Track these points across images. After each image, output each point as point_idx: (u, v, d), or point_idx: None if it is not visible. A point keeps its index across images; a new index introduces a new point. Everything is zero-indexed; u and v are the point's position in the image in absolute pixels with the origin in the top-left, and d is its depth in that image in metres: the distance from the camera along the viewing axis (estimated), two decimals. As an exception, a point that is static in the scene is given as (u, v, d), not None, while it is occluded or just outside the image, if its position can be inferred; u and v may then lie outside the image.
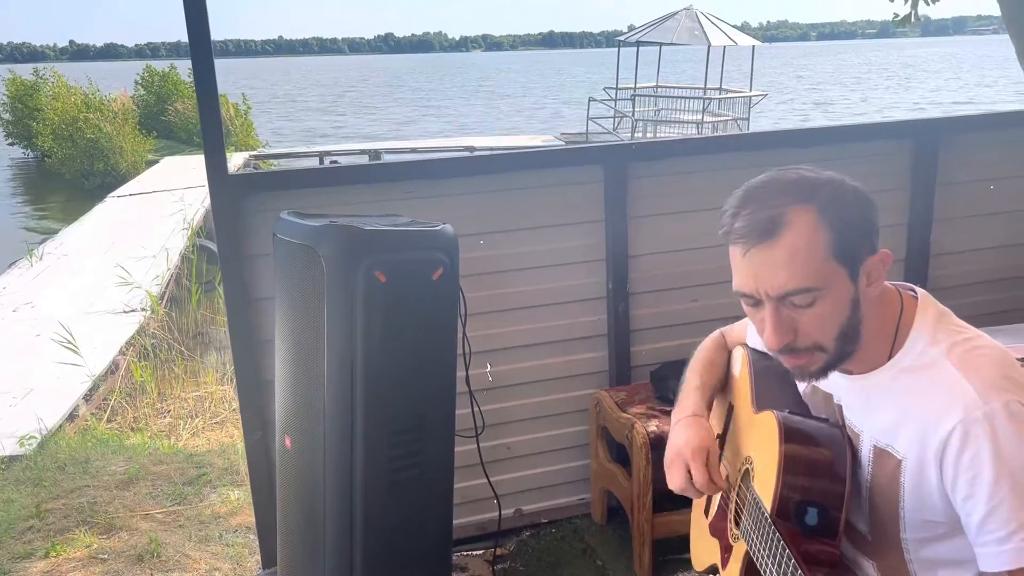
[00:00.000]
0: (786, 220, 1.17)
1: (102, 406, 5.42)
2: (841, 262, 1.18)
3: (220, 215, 2.39)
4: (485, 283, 2.63)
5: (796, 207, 1.17)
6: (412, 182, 2.56)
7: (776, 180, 1.22)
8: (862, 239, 1.19)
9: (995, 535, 1.11)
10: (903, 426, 1.21)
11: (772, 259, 1.17)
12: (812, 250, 1.16)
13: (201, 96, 2.28)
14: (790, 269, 1.16)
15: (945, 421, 1.14)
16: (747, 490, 1.36)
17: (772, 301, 1.19)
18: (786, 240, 1.16)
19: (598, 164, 2.73)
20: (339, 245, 1.88)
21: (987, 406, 1.11)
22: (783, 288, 1.17)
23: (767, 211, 1.18)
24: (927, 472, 1.18)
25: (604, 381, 2.87)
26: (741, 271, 1.22)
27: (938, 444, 1.14)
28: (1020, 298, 3.21)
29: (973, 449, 1.11)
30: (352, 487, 1.97)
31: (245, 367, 2.50)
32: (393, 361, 1.95)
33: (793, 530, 1.21)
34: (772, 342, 1.21)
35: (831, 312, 1.19)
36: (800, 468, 1.24)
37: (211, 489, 3.69)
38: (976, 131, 3.18)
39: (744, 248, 1.19)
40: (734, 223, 1.21)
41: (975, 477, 1.11)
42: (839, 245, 1.17)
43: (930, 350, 1.21)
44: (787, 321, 1.20)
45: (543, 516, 2.93)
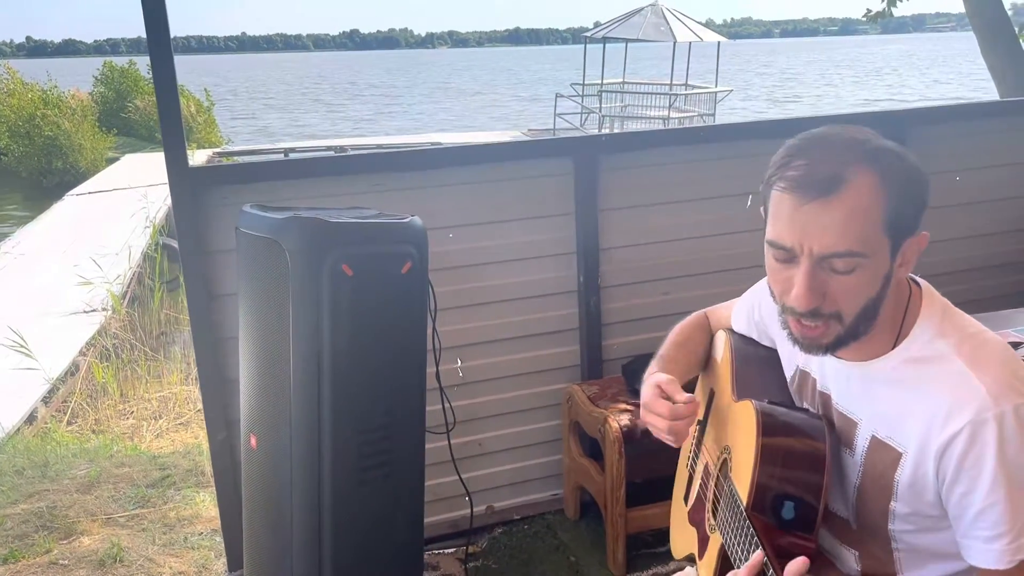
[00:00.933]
0: (848, 178, 1.10)
1: (62, 408, 5.30)
2: (888, 235, 1.13)
3: (181, 209, 2.32)
4: (455, 277, 2.59)
5: (860, 167, 1.11)
6: (379, 175, 2.51)
7: (840, 135, 1.16)
8: (912, 215, 1.15)
9: (984, 533, 1.11)
10: (907, 419, 1.18)
11: (827, 216, 1.10)
12: (869, 215, 1.11)
13: (159, 86, 2.21)
14: (844, 229, 1.10)
15: (954, 420, 1.11)
16: (725, 481, 1.34)
17: (812, 259, 1.12)
18: (846, 199, 1.10)
19: (568, 157, 2.70)
20: (304, 238, 1.83)
21: (998, 408, 1.09)
22: (831, 248, 1.11)
23: (829, 165, 1.11)
24: (924, 467, 1.16)
25: (576, 375, 2.84)
26: (786, 222, 1.14)
27: (942, 442, 1.12)
28: (987, 288, 3.24)
29: (978, 450, 1.10)
30: (320, 486, 1.92)
31: (208, 366, 2.43)
32: (361, 357, 1.90)
33: (768, 524, 1.18)
34: (802, 302, 1.14)
35: (865, 284, 1.14)
36: (777, 461, 1.21)
37: (175, 491, 3.61)
38: (942, 122, 3.20)
39: (799, 200, 1.12)
40: (786, 171, 1.14)
41: (976, 476, 1.10)
42: (892, 216, 1.12)
43: (937, 342, 1.18)
44: (820, 284, 1.14)
45: (515, 512, 2.90)
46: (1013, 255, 3.30)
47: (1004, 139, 3.21)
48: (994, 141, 3.19)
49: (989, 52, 7.21)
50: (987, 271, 3.26)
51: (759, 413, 1.25)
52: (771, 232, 1.17)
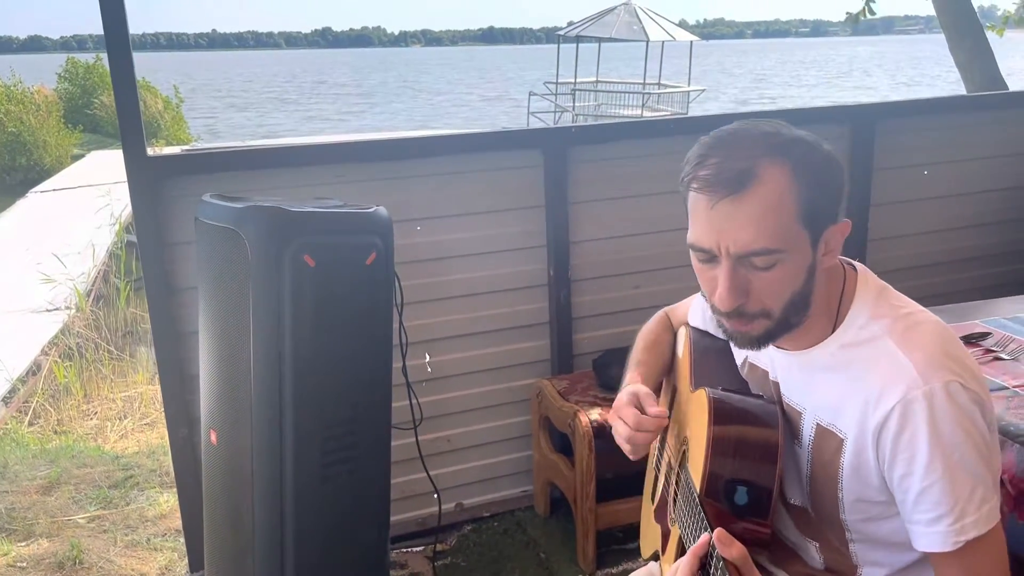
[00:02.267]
0: (758, 173, 1.08)
1: (23, 408, 5.18)
2: (806, 226, 1.11)
3: (139, 200, 2.26)
4: (422, 270, 2.55)
5: (769, 161, 1.09)
6: (344, 165, 2.47)
7: (748, 130, 1.14)
8: (829, 205, 1.13)
9: (926, 515, 1.09)
10: (845, 404, 1.16)
11: (740, 214, 1.09)
12: (782, 209, 1.09)
13: (115, 73, 2.15)
14: (758, 227, 1.08)
15: (884, 400, 1.10)
16: (682, 472, 1.32)
17: (731, 259, 1.11)
18: (757, 195, 1.08)
19: (537, 148, 2.67)
20: (264, 227, 1.78)
21: (927, 386, 1.08)
22: (747, 247, 1.09)
23: (738, 162, 1.09)
24: (865, 452, 1.14)
25: (546, 370, 2.81)
26: (702, 223, 1.12)
27: (876, 423, 1.11)
28: (956, 281, 3.26)
29: (911, 429, 1.08)
30: (282, 484, 1.87)
31: (169, 361, 2.37)
32: (324, 350, 1.85)
33: (721, 509, 1.16)
34: (725, 303, 1.13)
35: (787, 278, 1.12)
36: (729, 445, 1.19)
37: (139, 492, 3.54)
38: (912, 116, 3.21)
39: (710, 199, 1.10)
40: (698, 171, 1.12)
41: (912, 457, 1.09)
42: (807, 208, 1.10)
43: (871, 325, 1.17)
44: (742, 282, 1.12)
45: (485, 510, 2.86)
46: (982, 249, 3.32)
47: (972, 133, 3.23)
48: (962, 135, 3.21)
49: (957, 48, 7.29)
50: (955, 265, 3.27)
51: (711, 400, 1.23)
52: (690, 235, 1.16)
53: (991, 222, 3.32)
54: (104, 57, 10.86)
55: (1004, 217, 3.33)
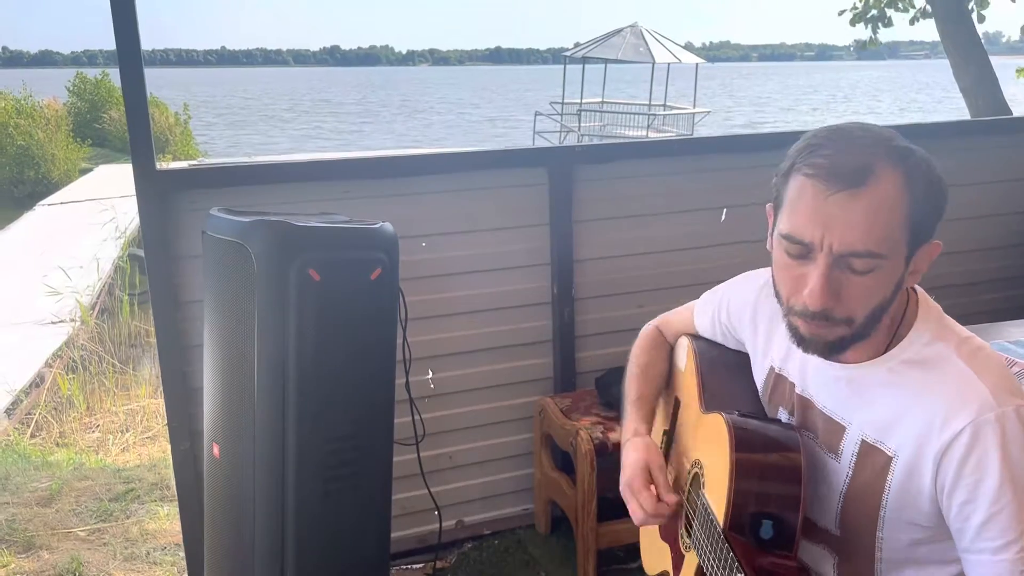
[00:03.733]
0: (876, 172, 1.05)
1: (26, 420, 5.20)
2: (908, 238, 1.09)
3: (147, 213, 2.27)
4: (427, 287, 2.55)
5: (887, 162, 1.07)
6: (351, 182, 2.48)
7: (867, 129, 1.12)
8: (931, 221, 1.11)
9: (992, 543, 1.06)
10: (901, 421, 1.14)
11: (852, 210, 1.05)
12: (893, 214, 1.06)
13: (127, 87, 2.16)
14: (868, 227, 1.05)
15: (954, 421, 1.07)
16: (697, 497, 1.30)
17: (831, 257, 1.07)
18: (874, 194, 1.05)
19: (543, 167, 2.68)
20: (270, 241, 1.79)
21: (1000, 409, 1.06)
22: (852, 246, 1.06)
23: (858, 157, 1.06)
24: (921, 474, 1.11)
25: (549, 388, 2.81)
26: (807, 214, 1.08)
27: (942, 444, 1.08)
28: (961, 305, 3.23)
29: (980, 452, 1.05)
30: (283, 497, 1.86)
31: (173, 374, 2.37)
32: (328, 364, 1.86)
33: (747, 545, 1.14)
34: (816, 301, 1.08)
35: (879, 287, 1.09)
36: (753, 477, 1.17)
37: (139, 505, 3.53)
38: (916, 140, 3.20)
39: (825, 189, 1.06)
40: (813, 157, 1.08)
41: (979, 481, 1.06)
42: (914, 218, 1.08)
43: (936, 344, 1.15)
44: (836, 283, 1.08)
45: (486, 527, 2.85)
46: (986, 273, 3.32)
47: (976, 158, 3.23)
48: (966, 160, 3.21)
49: (961, 74, 7.34)
50: (959, 289, 3.27)
51: (731, 427, 1.21)
52: (787, 225, 1.10)
53: (996, 246, 3.32)
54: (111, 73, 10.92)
55: (1009, 242, 3.33)
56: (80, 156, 18.54)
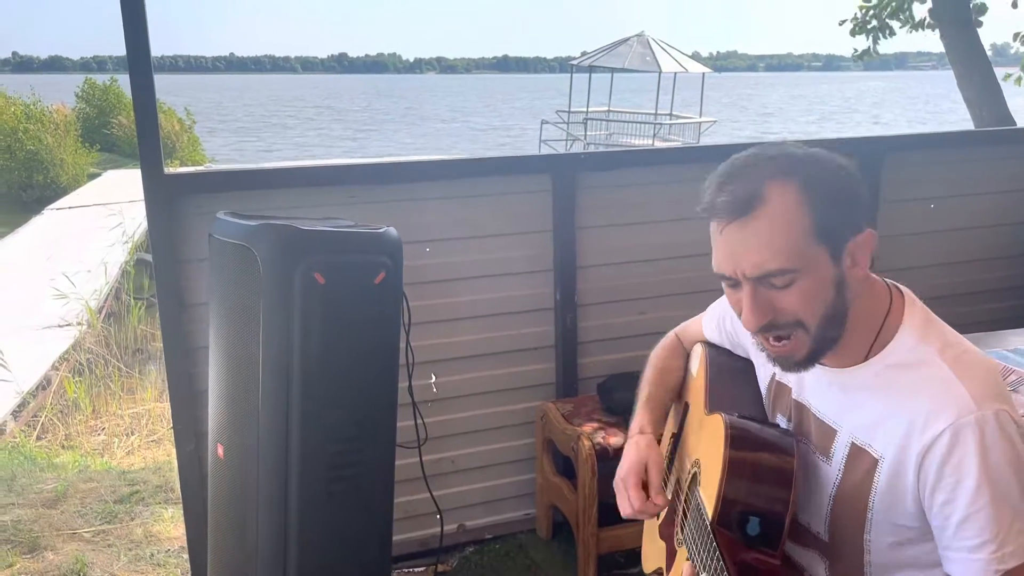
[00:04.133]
0: (764, 195, 1.10)
1: (32, 423, 5.23)
2: (823, 242, 1.11)
3: (154, 216, 2.30)
4: (430, 292, 2.57)
5: (776, 181, 1.11)
6: (357, 187, 2.50)
7: (757, 155, 1.17)
8: (846, 217, 1.13)
9: (969, 542, 1.08)
10: (885, 423, 1.16)
11: (748, 237, 1.11)
12: (791, 228, 1.10)
13: (136, 93, 2.19)
14: (767, 248, 1.10)
15: (934, 423, 1.09)
16: (692, 495, 1.33)
17: (750, 282, 1.13)
18: (763, 217, 1.10)
19: (546, 173, 2.70)
20: (276, 245, 1.81)
21: (980, 412, 1.08)
22: (760, 269, 1.11)
23: (746, 186, 1.11)
24: (904, 474, 1.14)
25: (551, 393, 2.83)
26: (719, 250, 1.16)
27: (923, 445, 1.10)
28: (962, 314, 3.24)
29: (960, 454, 1.08)
30: (286, 498, 1.88)
31: (178, 376, 2.40)
32: (332, 366, 1.88)
33: (733, 539, 1.17)
34: (750, 323, 1.15)
35: (812, 293, 1.13)
36: (744, 475, 1.20)
37: (144, 507, 3.55)
38: (920, 150, 3.24)
39: (720, 225, 1.13)
40: (709, 198, 1.15)
41: (958, 482, 1.08)
42: (821, 223, 1.11)
43: (921, 347, 1.17)
44: (765, 302, 1.14)
45: (487, 532, 2.87)
46: (989, 283, 3.33)
47: (979, 168, 3.25)
48: (969, 170, 3.23)
49: (965, 85, 7.34)
50: (962, 298, 3.28)
51: (728, 426, 1.24)
52: (713, 262, 1.19)
53: (998, 256, 3.33)
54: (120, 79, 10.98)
55: (1012, 252, 3.34)
56: (88, 161, 18.63)
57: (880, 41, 8.92)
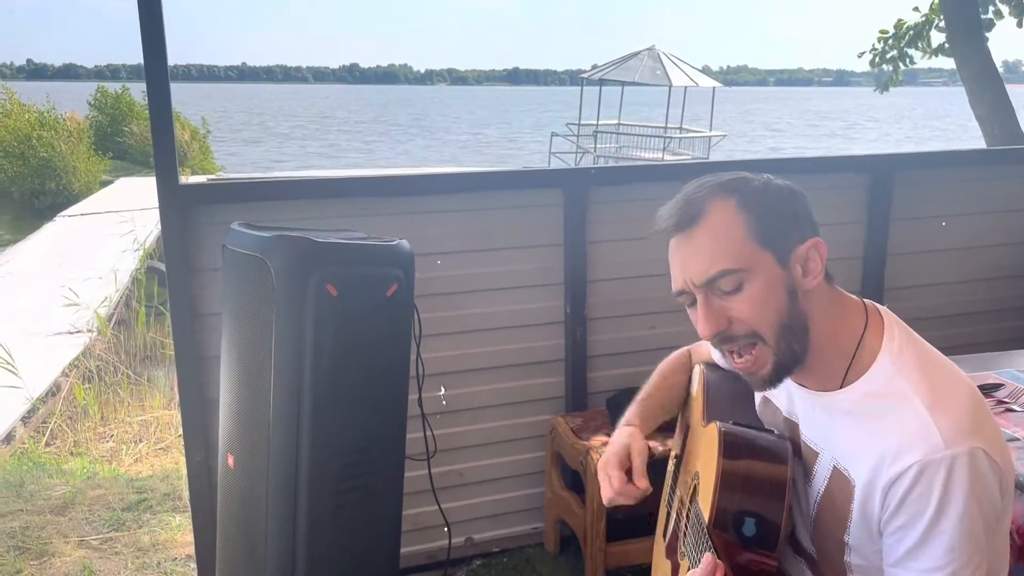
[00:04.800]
0: (704, 209, 1.18)
1: (41, 429, 5.24)
2: (765, 246, 1.16)
3: (169, 226, 2.32)
4: (441, 304, 2.58)
5: (716, 198, 1.19)
6: (369, 199, 2.52)
7: (706, 179, 1.24)
8: (787, 226, 1.19)
9: (918, 564, 1.10)
10: (860, 452, 1.17)
11: (692, 245, 1.18)
12: (730, 232, 1.17)
13: (153, 102, 2.21)
14: (709, 253, 1.16)
15: (902, 458, 1.10)
16: (692, 506, 1.33)
17: (700, 291, 1.18)
18: (705, 226, 1.17)
19: (558, 187, 2.71)
20: (290, 256, 1.82)
21: (949, 451, 1.07)
22: (705, 273, 1.17)
23: (688, 204, 1.20)
24: (872, 501, 1.14)
25: (560, 407, 2.83)
26: (672, 267, 1.22)
27: (889, 478, 1.11)
28: (972, 333, 3.25)
29: (922, 489, 1.08)
30: (295, 508, 1.89)
31: (189, 385, 2.41)
32: (343, 378, 1.88)
33: (730, 540, 1.17)
34: (704, 331, 1.19)
35: (762, 297, 1.16)
36: (739, 477, 1.21)
37: (151, 515, 3.56)
38: (931, 168, 3.24)
39: (670, 238, 1.21)
40: (659, 221, 1.23)
41: (918, 513, 1.09)
42: (760, 228, 1.17)
43: (898, 379, 1.16)
44: (718, 309, 1.18)
45: (495, 545, 2.86)
46: (999, 302, 3.32)
47: (990, 187, 3.24)
48: (980, 188, 3.23)
49: (977, 103, 7.33)
50: (972, 317, 3.27)
51: (721, 432, 1.26)
52: (672, 285, 1.23)
53: (1009, 276, 3.32)
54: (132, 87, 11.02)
55: (1022, 271, 3.33)
56: (101, 169, 18.73)
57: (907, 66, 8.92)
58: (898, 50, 8.75)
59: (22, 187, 17.54)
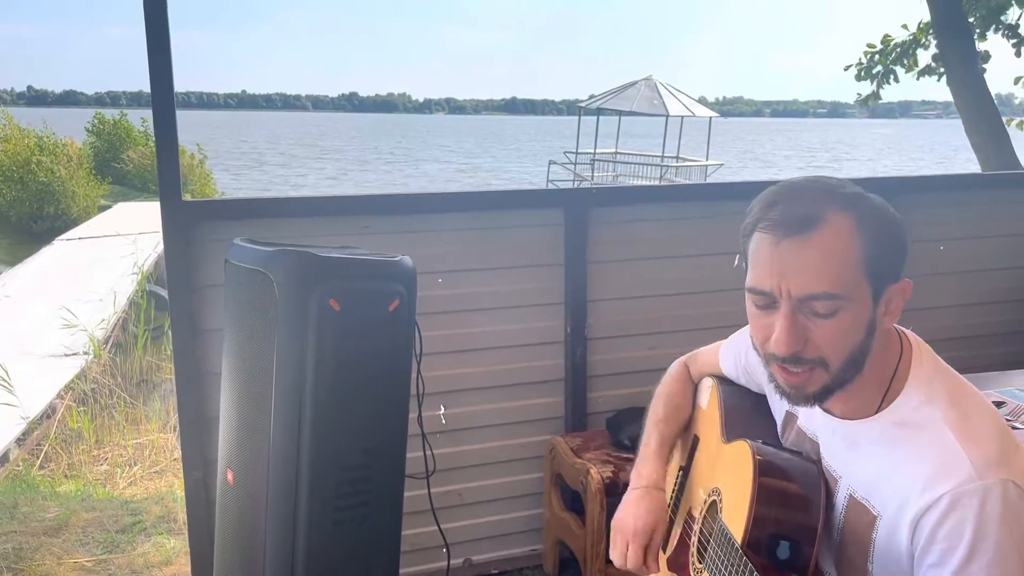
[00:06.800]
0: (825, 218, 1.10)
1: (35, 451, 5.21)
2: (869, 279, 1.11)
3: (171, 243, 2.32)
4: (442, 323, 2.58)
5: (835, 209, 1.11)
6: (371, 217, 2.53)
7: (818, 181, 1.17)
8: (893, 261, 1.13)
9: None
10: (885, 482, 1.14)
11: (804, 256, 1.09)
12: (846, 255, 1.09)
13: (158, 120, 2.23)
14: (821, 269, 1.09)
15: (933, 488, 1.07)
16: (713, 522, 1.32)
17: (792, 302, 1.11)
18: (823, 238, 1.09)
19: (559, 208, 2.73)
20: (292, 270, 1.82)
21: (983, 482, 1.05)
22: (808, 289, 1.09)
23: (806, 207, 1.11)
24: (899, 533, 1.11)
25: (560, 427, 2.82)
26: (765, 265, 1.12)
27: (919, 509, 1.08)
28: (971, 358, 3.24)
29: (956, 519, 1.04)
30: (295, 525, 1.87)
31: (189, 402, 2.40)
32: (344, 393, 1.88)
33: (764, 563, 1.16)
34: (782, 347, 1.12)
35: (847, 329, 1.11)
36: (773, 499, 1.19)
37: (145, 537, 3.53)
38: (928, 192, 3.26)
39: (775, 238, 1.11)
40: (767, 212, 1.13)
41: (951, 548, 1.05)
42: (871, 260, 1.10)
43: (926, 408, 1.14)
44: (801, 328, 1.11)
45: (493, 567, 2.84)
46: (996, 326, 3.32)
47: (987, 212, 3.26)
48: (977, 213, 3.25)
49: (973, 131, 7.40)
50: (970, 341, 3.27)
51: (755, 451, 1.24)
52: (750, 278, 1.15)
53: (1006, 300, 3.33)
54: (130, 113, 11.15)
55: (1020, 296, 3.34)
56: (99, 193, 18.77)
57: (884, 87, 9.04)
58: (884, 66, 8.88)
59: (20, 211, 17.56)
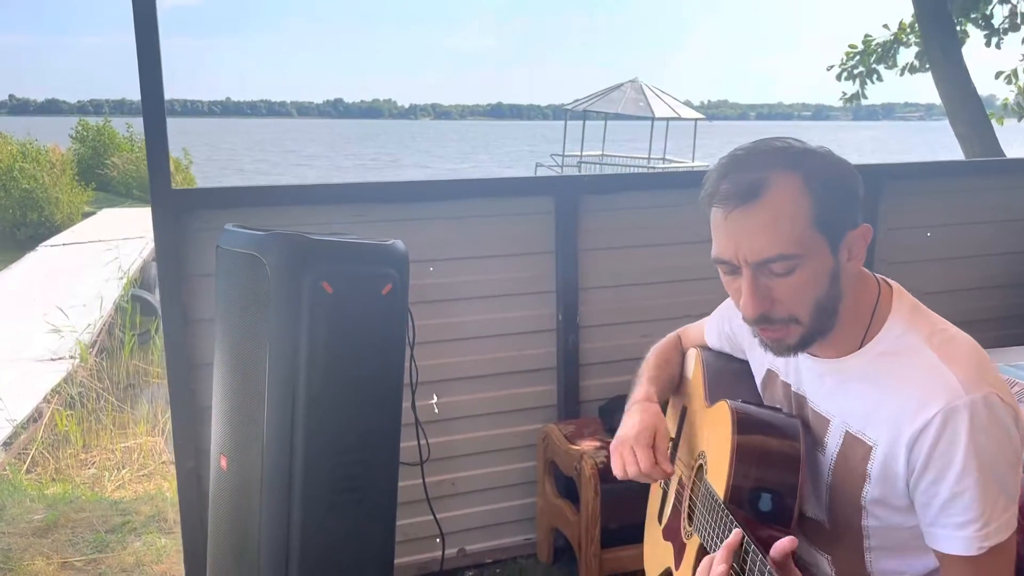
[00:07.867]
0: (770, 183, 1.14)
1: (22, 455, 5.16)
2: (823, 232, 1.15)
3: (161, 232, 2.31)
4: (434, 311, 2.57)
5: (781, 172, 1.15)
6: (363, 205, 2.52)
7: (762, 146, 1.21)
8: (845, 210, 1.17)
9: (954, 519, 1.11)
10: (878, 411, 1.18)
11: (753, 222, 1.14)
12: (795, 216, 1.14)
13: (147, 110, 2.22)
14: (771, 234, 1.13)
15: (925, 409, 1.12)
16: (700, 484, 1.33)
17: (750, 268, 1.16)
18: (768, 203, 1.14)
19: (550, 195, 2.73)
20: (285, 254, 1.82)
21: (968, 396, 1.11)
22: (762, 254, 1.14)
23: (751, 174, 1.15)
24: (896, 459, 1.16)
25: (553, 415, 2.82)
26: (721, 236, 1.18)
27: (914, 431, 1.13)
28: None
29: (950, 437, 1.10)
30: (289, 510, 1.86)
31: (181, 392, 2.38)
32: (338, 376, 1.87)
33: (746, 516, 1.18)
34: (749, 310, 1.18)
35: (809, 283, 1.16)
36: (753, 454, 1.22)
37: (135, 537, 3.50)
38: (916, 178, 3.28)
39: (725, 211, 1.16)
40: (715, 186, 1.18)
41: (947, 463, 1.10)
42: (822, 214, 1.15)
43: (908, 335, 1.19)
44: (764, 289, 1.17)
45: (487, 556, 2.83)
46: (985, 311, 3.35)
47: (974, 198, 3.29)
48: (965, 199, 3.27)
49: (958, 122, 7.46)
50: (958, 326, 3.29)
51: (734, 411, 1.27)
52: (713, 249, 1.21)
53: (993, 286, 3.35)
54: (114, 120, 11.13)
55: (1006, 281, 3.37)
56: (83, 200, 18.62)
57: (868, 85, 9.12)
58: (866, 66, 8.96)
59: (3, 218, 17.38)
